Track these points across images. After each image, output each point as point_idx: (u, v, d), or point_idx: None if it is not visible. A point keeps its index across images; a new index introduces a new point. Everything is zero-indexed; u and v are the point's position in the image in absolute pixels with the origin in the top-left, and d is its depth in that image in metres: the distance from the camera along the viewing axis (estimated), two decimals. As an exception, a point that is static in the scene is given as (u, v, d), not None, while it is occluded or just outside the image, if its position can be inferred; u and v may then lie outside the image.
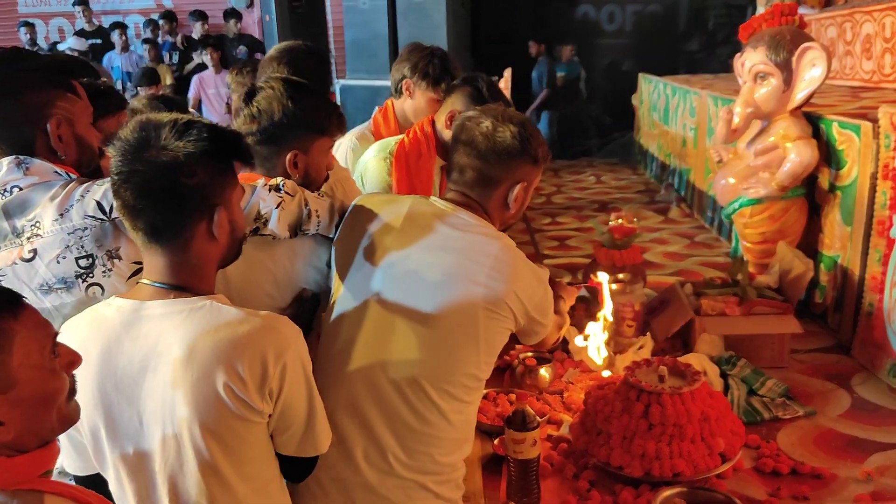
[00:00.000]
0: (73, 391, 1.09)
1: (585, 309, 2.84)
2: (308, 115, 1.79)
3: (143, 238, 1.32)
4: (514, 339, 1.85)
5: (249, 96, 1.80)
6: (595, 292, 2.74)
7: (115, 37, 8.43)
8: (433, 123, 2.55)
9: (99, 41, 8.82)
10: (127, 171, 1.27)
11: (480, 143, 1.75)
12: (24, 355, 1.01)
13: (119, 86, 8.11)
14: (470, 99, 2.43)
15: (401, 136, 2.57)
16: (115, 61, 8.28)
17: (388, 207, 1.81)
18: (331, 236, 1.84)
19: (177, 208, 1.29)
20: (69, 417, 1.09)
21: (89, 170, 1.68)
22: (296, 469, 1.49)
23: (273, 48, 2.60)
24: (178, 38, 8.72)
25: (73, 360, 1.09)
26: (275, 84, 1.80)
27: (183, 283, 1.33)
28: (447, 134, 2.46)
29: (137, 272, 1.51)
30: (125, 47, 8.45)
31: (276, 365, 1.29)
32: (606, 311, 2.65)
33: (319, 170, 1.86)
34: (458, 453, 1.74)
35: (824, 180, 3.18)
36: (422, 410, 1.64)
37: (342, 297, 1.75)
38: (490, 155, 1.75)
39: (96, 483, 1.36)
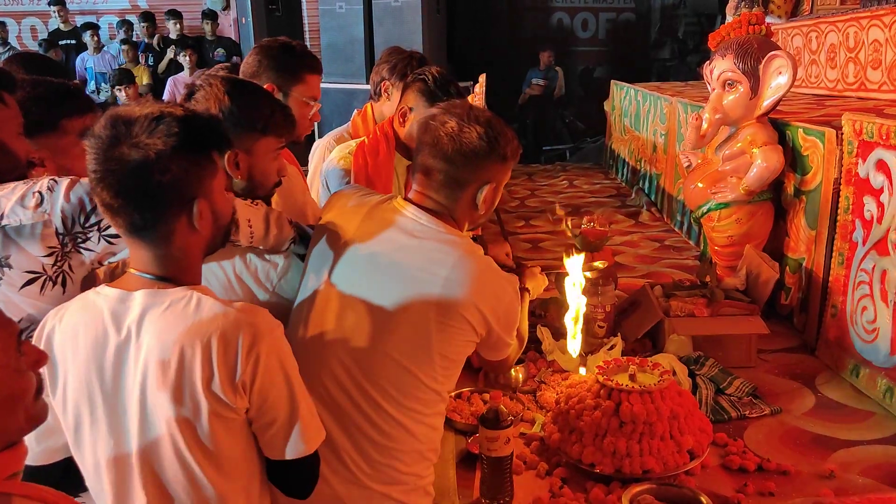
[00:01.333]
0: (39, 389, 1.05)
1: (557, 311, 2.88)
2: (247, 112, 1.73)
3: (125, 233, 1.33)
4: None
5: (188, 95, 1.77)
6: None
7: (87, 37, 8.35)
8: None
9: (73, 41, 8.73)
10: (102, 171, 1.27)
11: (446, 145, 1.69)
12: None
13: (93, 86, 8.03)
14: (420, 94, 2.41)
15: (362, 138, 2.57)
16: (88, 62, 8.20)
17: (348, 212, 1.77)
18: (283, 250, 1.79)
19: (153, 206, 1.29)
20: (37, 417, 1.05)
21: (12, 177, 1.62)
22: (294, 479, 1.44)
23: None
24: (155, 39, 8.67)
25: (39, 358, 1.06)
26: (213, 81, 1.76)
27: (168, 275, 1.33)
28: (402, 132, 2.48)
29: (31, 282, 1.50)
30: (98, 48, 8.37)
31: (248, 356, 1.28)
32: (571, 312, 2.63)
33: (266, 173, 1.79)
34: (424, 463, 1.72)
35: (790, 185, 3.26)
36: (379, 423, 1.63)
37: (297, 312, 1.75)
38: (457, 157, 1.69)
39: (46, 473, 1.36)
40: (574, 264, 2.61)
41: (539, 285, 2.21)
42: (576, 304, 2.58)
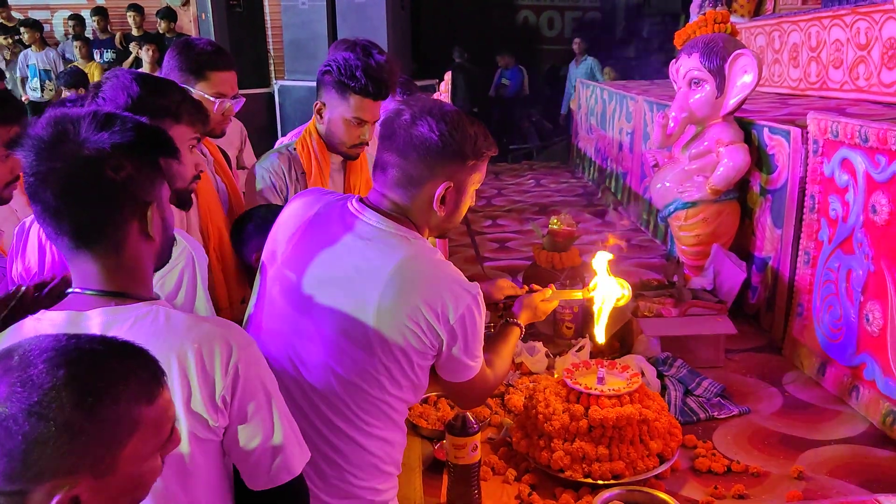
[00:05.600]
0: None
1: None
2: (156, 99, 1.68)
3: (70, 243, 1.19)
4: None
5: (95, 93, 1.71)
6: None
7: (25, 35, 8.05)
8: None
9: (18, 38, 8.46)
10: (44, 170, 1.14)
11: (399, 138, 1.58)
12: (138, 446, 0.92)
13: (36, 84, 7.80)
14: (329, 87, 2.32)
15: (289, 143, 2.48)
16: (31, 59, 7.94)
17: (298, 216, 1.68)
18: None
19: (105, 205, 1.16)
20: (139, 499, 0.98)
21: None
22: None
23: None
24: (117, 36, 8.45)
25: (176, 442, 1.00)
26: (119, 73, 1.72)
27: (119, 289, 1.21)
28: (322, 128, 2.40)
29: None
30: (40, 45, 8.11)
31: (227, 370, 1.19)
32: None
33: (183, 164, 1.72)
34: (381, 477, 1.63)
35: (756, 184, 3.26)
36: (330, 437, 1.56)
37: (249, 322, 1.69)
38: (408, 151, 1.57)
39: None
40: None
41: (535, 316, 2.00)
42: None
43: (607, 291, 2.06)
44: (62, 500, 0.86)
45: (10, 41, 8.17)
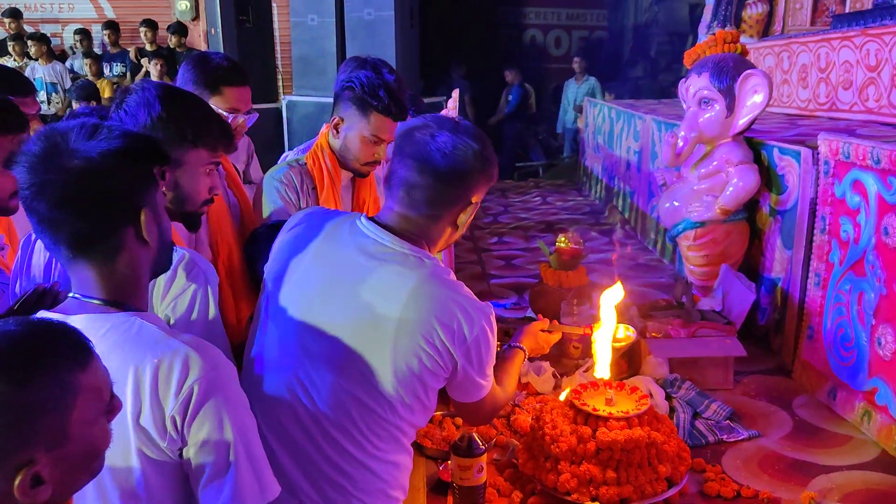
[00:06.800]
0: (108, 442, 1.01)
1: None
2: (177, 121, 1.65)
3: (66, 252, 1.21)
4: None
5: (121, 101, 1.69)
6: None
7: (32, 49, 8.10)
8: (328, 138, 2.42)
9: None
10: (39, 183, 1.17)
11: (438, 161, 1.55)
12: (82, 411, 0.95)
13: (43, 97, 7.84)
14: (349, 102, 2.30)
15: (298, 157, 2.45)
16: (37, 72, 7.99)
17: (306, 233, 1.66)
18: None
19: (100, 213, 1.20)
20: (96, 470, 1.00)
21: None
22: None
23: None
24: (132, 51, 8.49)
25: (117, 408, 1.02)
26: (147, 86, 1.69)
27: (114, 298, 1.23)
28: (336, 143, 2.38)
29: None
30: (47, 58, 8.15)
31: (180, 390, 1.15)
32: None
33: (196, 188, 1.70)
34: (389, 502, 1.61)
35: (765, 205, 3.24)
36: (339, 462, 1.53)
37: (250, 343, 1.65)
38: (450, 175, 1.56)
39: None
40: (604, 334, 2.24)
41: (538, 346, 2.05)
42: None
43: (609, 332, 2.11)
44: (24, 479, 0.88)
45: (21, 52, 8.22)
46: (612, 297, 2.14)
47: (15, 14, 8.69)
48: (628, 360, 2.85)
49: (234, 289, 2.15)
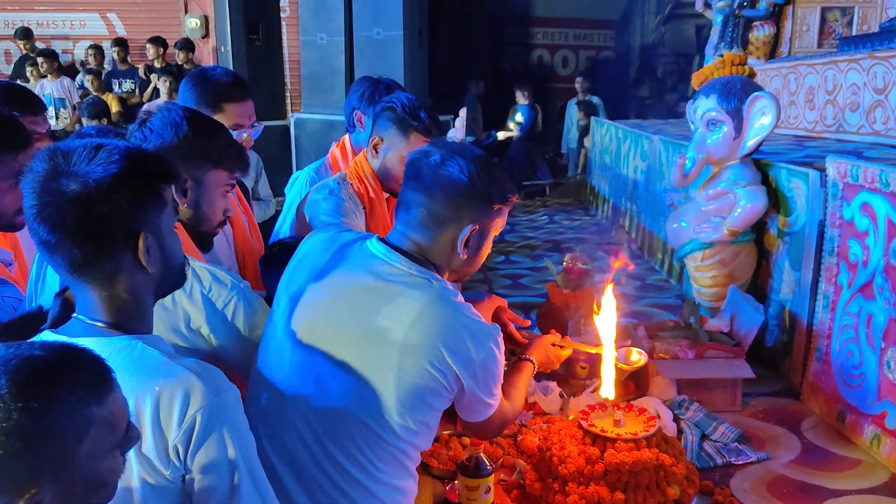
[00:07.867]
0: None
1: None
2: (203, 142, 1.70)
3: (66, 274, 1.21)
4: None
5: (144, 120, 1.72)
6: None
7: (42, 65, 8.17)
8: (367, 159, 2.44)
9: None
10: (38, 205, 1.16)
11: (426, 177, 1.58)
12: (92, 445, 0.95)
13: (52, 112, 7.91)
14: (390, 122, 2.32)
15: (340, 174, 2.46)
16: (46, 88, 8.07)
17: (317, 252, 1.66)
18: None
19: (95, 240, 1.18)
20: (105, 499, 1.00)
21: None
22: None
23: None
24: (141, 68, 8.56)
25: (134, 439, 1.02)
26: (173, 108, 1.73)
27: (116, 321, 1.22)
28: (375, 164, 2.39)
29: None
30: (56, 74, 8.23)
31: (184, 420, 1.14)
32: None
33: (214, 208, 1.75)
34: None
35: (773, 226, 3.24)
36: (342, 484, 1.52)
37: (256, 361, 1.65)
38: (435, 190, 1.57)
39: None
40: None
41: (549, 360, 2.04)
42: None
43: (612, 353, 2.13)
44: None
45: (38, 74, 8.30)
46: (608, 313, 2.16)
47: (27, 35, 8.80)
48: (636, 382, 2.83)
49: None
